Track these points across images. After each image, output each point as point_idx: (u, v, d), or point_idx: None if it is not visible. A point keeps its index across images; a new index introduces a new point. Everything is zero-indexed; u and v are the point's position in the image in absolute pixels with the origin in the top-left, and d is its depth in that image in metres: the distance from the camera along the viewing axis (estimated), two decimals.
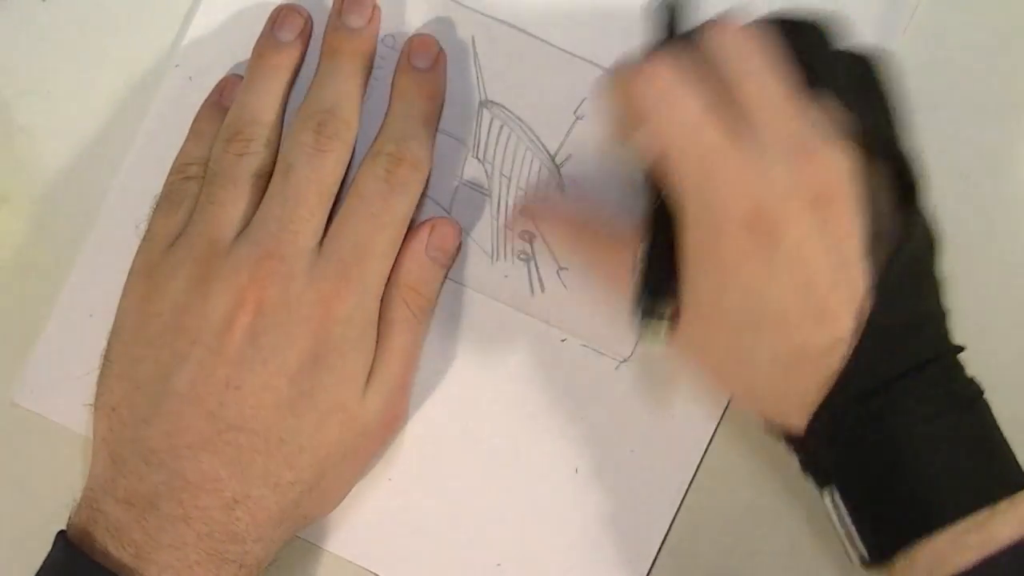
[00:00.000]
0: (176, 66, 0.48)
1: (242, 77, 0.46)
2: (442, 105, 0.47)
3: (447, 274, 0.47)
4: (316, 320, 0.42)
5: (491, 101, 0.47)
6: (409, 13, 0.48)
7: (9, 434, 0.48)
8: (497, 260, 0.47)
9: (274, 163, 0.44)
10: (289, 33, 0.46)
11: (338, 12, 0.46)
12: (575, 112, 0.47)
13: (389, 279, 0.45)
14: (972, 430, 0.38)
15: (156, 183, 0.46)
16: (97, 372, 0.43)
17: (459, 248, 0.47)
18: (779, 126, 0.38)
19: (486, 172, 0.48)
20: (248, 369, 0.41)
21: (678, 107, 0.38)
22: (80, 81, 0.49)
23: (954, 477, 0.37)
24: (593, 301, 0.47)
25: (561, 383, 0.47)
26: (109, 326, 0.43)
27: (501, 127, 0.47)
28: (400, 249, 0.45)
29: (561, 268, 0.47)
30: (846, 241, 0.37)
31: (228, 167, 0.43)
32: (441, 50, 0.47)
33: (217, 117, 0.45)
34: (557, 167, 0.47)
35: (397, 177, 0.43)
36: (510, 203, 0.47)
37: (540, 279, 0.47)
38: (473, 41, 0.47)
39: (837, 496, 0.39)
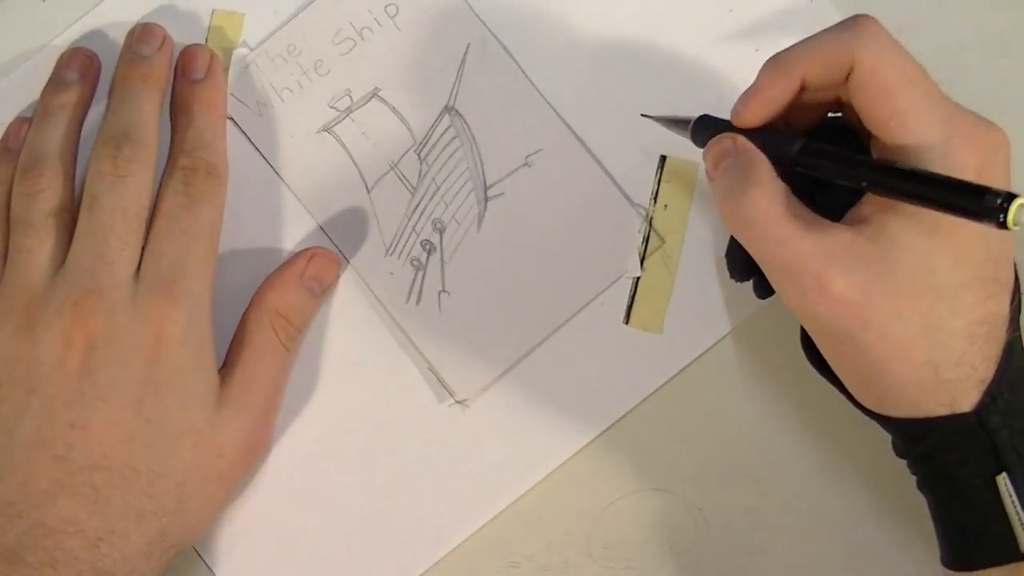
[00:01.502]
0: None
1: (29, 120, 0.46)
2: (225, 113, 0.47)
3: (320, 304, 0.46)
4: (148, 345, 0.41)
5: (456, 110, 0.47)
6: None
7: None
8: (390, 255, 0.47)
9: (71, 199, 0.44)
10: (73, 73, 0.46)
11: (129, 45, 0.46)
12: (526, 158, 0.47)
13: (260, 304, 0.45)
14: None
15: None
16: None
17: (337, 280, 0.47)
18: None
19: (420, 171, 0.47)
20: (90, 407, 0.41)
21: None
22: None
23: None
24: (457, 337, 0.46)
25: (391, 396, 0.47)
26: None
27: (453, 138, 0.47)
28: (274, 275, 0.45)
29: (443, 291, 0.47)
30: None
31: (25, 210, 0.43)
32: (214, 56, 0.47)
33: (6, 162, 0.45)
34: (486, 199, 0.47)
35: (195, 188, 0.43)
36: (427, 210, 0.47)
37: (420, 292, 0.47)
38: (467, 48, 0.47)
39: (1008, 482, 0.38)
